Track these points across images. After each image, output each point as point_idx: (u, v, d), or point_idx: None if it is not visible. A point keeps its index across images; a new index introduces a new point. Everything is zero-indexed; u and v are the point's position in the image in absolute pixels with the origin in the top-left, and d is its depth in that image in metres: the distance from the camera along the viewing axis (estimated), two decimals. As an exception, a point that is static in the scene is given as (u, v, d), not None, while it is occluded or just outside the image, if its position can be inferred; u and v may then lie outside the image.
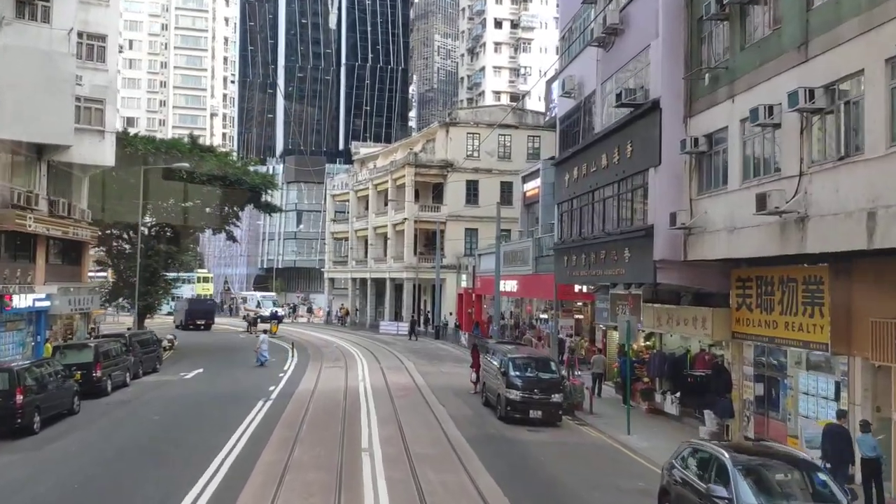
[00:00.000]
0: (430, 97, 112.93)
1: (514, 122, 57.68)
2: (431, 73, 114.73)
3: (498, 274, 38.69)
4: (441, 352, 43.36)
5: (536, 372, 21.94)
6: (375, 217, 64.40)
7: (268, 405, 23.46)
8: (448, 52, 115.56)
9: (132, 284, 41.76)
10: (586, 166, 25.05)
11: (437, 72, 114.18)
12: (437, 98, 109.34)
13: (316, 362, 35.93)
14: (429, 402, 24.36)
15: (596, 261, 24.00)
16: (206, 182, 42.34)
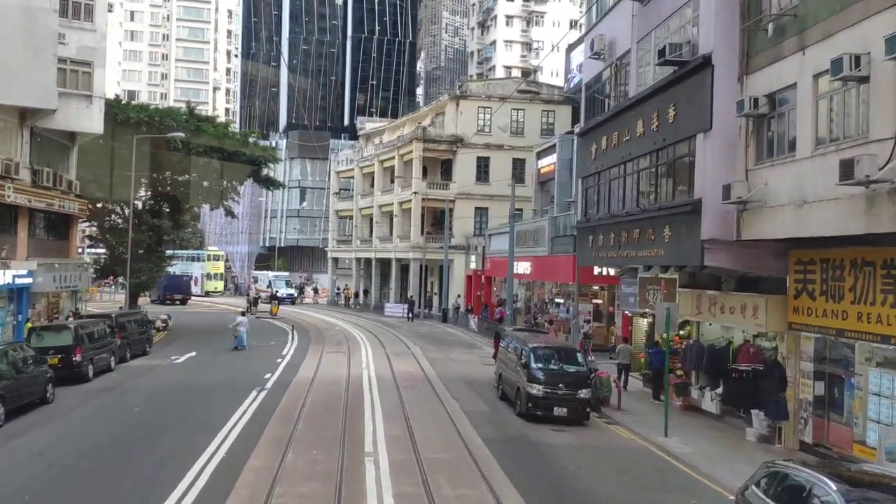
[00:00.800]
0: (438, 75, 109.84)
1: (528, 95, 54.95)
2: (439, 51, 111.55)
3: (511, 255, 36.28)
4: (449, 337, 41.05)
5: (561, 364, 19.57)
6: (381, 194, 61.89)
7: (262, 396, 21.17)
8: (456, 30, 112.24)
9: (126, 260, 39.52)
10: (617, 135, 22.51)
11: (444, 49, 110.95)
12: (444, 76, 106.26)
13: (317, 346, 33.67)
14: (439, 395, 22.04)
15: (627, 240, 21.54)
16: (203, 154, 39.87)
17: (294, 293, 66.28)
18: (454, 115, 55.08)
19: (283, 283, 66.36)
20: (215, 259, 76.64)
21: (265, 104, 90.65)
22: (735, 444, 17.69)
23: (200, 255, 75.36)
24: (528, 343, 20.19)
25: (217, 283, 76.00)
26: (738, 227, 16.63)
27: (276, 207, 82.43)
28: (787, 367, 17.35)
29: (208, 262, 75.14)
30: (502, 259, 46.61)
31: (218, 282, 76.26)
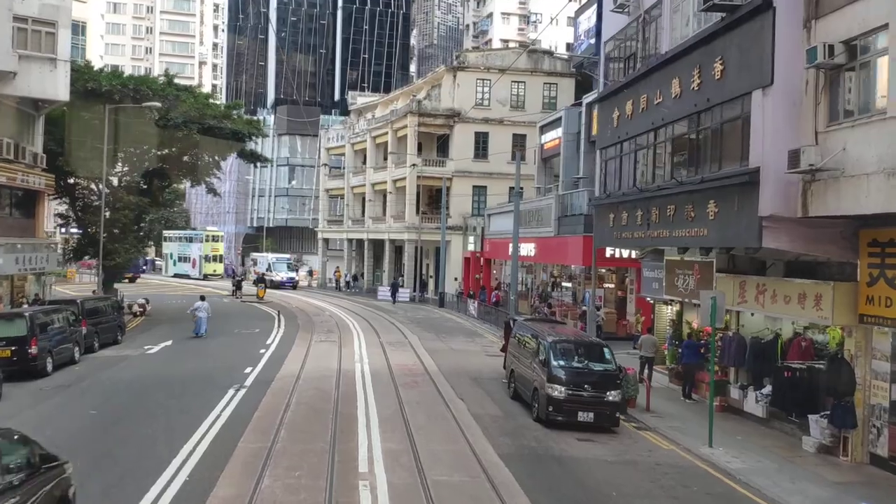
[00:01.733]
0: (430, 53, 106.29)
1: (529, 67, 51.96)
2: (431, 28, 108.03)
3: (516, 235, 33.53)
4: (448, 323, 38.36)
5: (586, 361, 16.89)
6: (374, 172, 58.95)
7: (239, 396, 18.44)
8: (449, 6, 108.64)
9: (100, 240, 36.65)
10: (646, 99, 19.71)
11: (437, 27, 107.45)
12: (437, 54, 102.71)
13: (305, 334, 30.95)
14: (443, 394, 19.35)
15: (659, 219, 18.81)
16: (182, 126, 36.79)
17: (295, 277, 62.02)
18: (451, 88, 52.10)
19: (283, 265, 62.18)
20: (214, 240, 72.60)
21: (253, 79, 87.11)
22: (792, 456, 15.12)
23: (198, 235, 72.03)
24: (547, 336, 17.47)
25: (216, 265, 71.81)
26: (803, 201, 13.92)
27: (264, 186, 79.29)
28: (855, 366, 14.74)
29: (206, 243, 71.31)
30: (503, 240, 43.94)
31: (217, 264, 72.10)
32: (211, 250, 71.64)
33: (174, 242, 75.46)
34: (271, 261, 62.05)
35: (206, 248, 71.28)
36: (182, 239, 74.50)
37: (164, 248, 77.34)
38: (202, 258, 70.76)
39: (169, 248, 76.12)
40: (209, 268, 70.56)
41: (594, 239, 24.50)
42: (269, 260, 62.47)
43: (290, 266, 62.31)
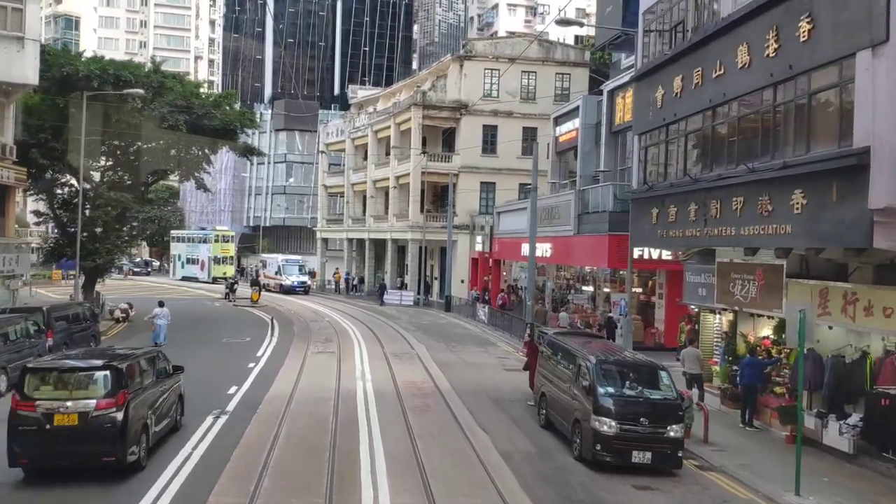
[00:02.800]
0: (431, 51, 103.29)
1: (540, 56, 48.95)
2: (433, 26, 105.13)
3: (533, 235, 30.54)
4: (456, 330, 35.31)
5: (640, 387, 13.84)
6: (375, 168, 55.90)
7: (219, 425, 15.43)
8: (451, 4, 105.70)
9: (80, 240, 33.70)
10: (700, 72, 16.69)
11: (438, 24, 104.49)
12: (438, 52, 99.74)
13: (300, 344, 27.91)
14: (461, 422, 16.31)
15: (720, 213, 15.79)
16: (167, 116, 33.78)
17: (307, 281, 56.14)
18: (457, 79, 49.05)
19: (295, 268, 56.54)
20: (224, 240, 67.29)
21: (249, 74, 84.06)
22: (900, 508, 12.12)
23: (207, 235, 67.47)
24: (589, 356, 14.42)
25: (227, 267, 66.02)
26: (930, 189, 10.91)
27: (260, 184, 76.23)
28: None
29: (216, 243, 66.16)
30: (513, 240, 40.96)
31: (228, 266, 66.36)
32: (221, 251, 66.59)
33: (182, 243, 70.82)
34: (281, 263, 56.97)
35: (216, 249, 66.25)
36: (190, 239, 69.94)
37: (171, 249, 73.09)
38: (211, 260, 65.94)
39: (177, 250, 71.48)
40: (219, 270, 65.11)
41: (631, 238, 21.43)
42: (279, 262, 57.26)
43: (301, 269, 56.97)
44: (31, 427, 11.54)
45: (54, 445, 11.56)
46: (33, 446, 11.58)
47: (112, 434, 11.70)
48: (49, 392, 11.92)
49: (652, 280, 30.79)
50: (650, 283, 30.86)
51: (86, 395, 11.91)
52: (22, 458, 11.63)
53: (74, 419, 11.64)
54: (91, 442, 11.62)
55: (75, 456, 11.69)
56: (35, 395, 11.79)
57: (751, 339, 18.75)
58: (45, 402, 11.71)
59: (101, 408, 11.75)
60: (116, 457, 11.74)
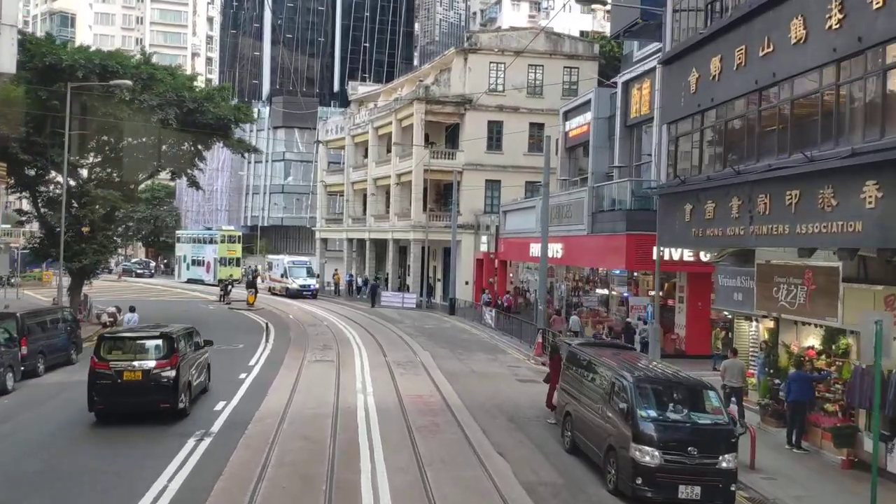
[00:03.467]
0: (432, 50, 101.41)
1: (548, 49, 47.15)
2: (433, 25, 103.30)
3: (545, 234, 28.70)
4: (462, 335, 33.44)
5: (685, 410, 11.99)
6: (376, 166, 54.07)
7: (201, 449, 13.59)
8: (451, 3, 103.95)
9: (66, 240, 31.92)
10: (744, 51, 14.85)
11: (438, 23, 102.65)
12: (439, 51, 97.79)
13: (297, 352, 26.05)
14: (475, 445, 14.45)
15: (771, 209, 13.95)
16: (157, 109, 31.94)
17: (315, 284, 52.29)
18: (462, 72, 47.23)
19: (301, 270, 52.47)
20: (231, 241, 64.17)
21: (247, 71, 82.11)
22: None
23: (213, 235, 64.38)
24: (625, 373, 12.56)
25: (233, 269, 62.15)
26: None
27: (258, 183, 74.35)
28: None
29: (222, 244, 62.94)
30: (520, 240, 39.14)
31: (234, 268, 62.77)
32: (227, 252, 63.13)
33: (187, 244, 67.93)
34: (287, 265, 52.91)
35: (222, 250, 62.83)
36: (195, 240, 66.94)
37: (176, 250, 70.42)
38: (216, 261, 62.53)
39: (182, 251, 68.64)
40: (224, 272, 60.57)
41: (659, 238, 19.53)
42: (285, 264, 53.19)
43: (309, 271, 53.11)
44: (105, 381, 15.32)
45: (124, 395, 15.38)
46: (107, 396, 15.34)
47: (168, 386, 15.44)
48: (119, 355, 15.86)
49: (669, 282, 29.01)
50: (666, 285, 29.06)
51: (147, 357, 15.79)
52: (99, 405, 15.45)
53: (139, 375, 15.45)
54: (152, 393, 15.35)
55: (140, 403, 15.46)
56: (108, 358, 15.67)
57: (794, 349, 16.91)
58: (116, 362, 15.58)
59: (159, 367, 15.53)
60: (171, 404, 15.52)
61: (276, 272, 54.33)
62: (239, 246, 65.10)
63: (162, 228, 79.99)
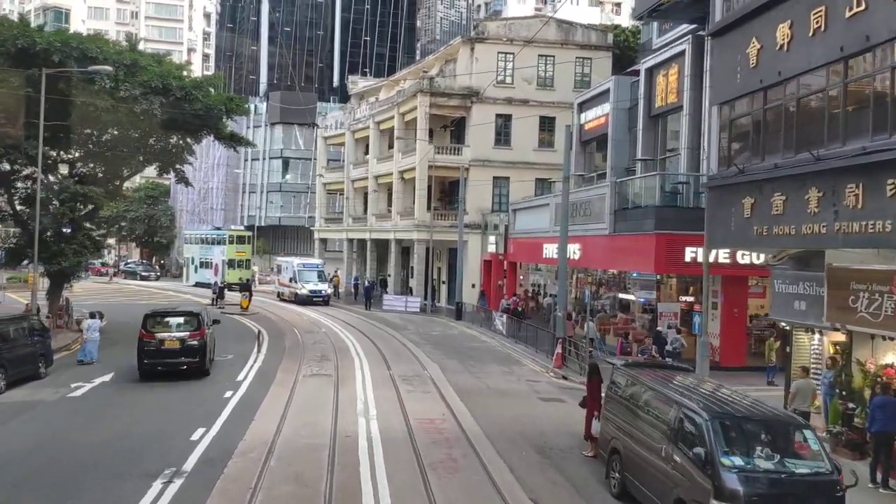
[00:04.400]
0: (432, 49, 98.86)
1: (559, 38, 44.65)
2: (434, 24, 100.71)
3: (564, 232, 26.14)
4: (472, 343, 30.90)
5: (776, 454, 9.45)
6: (377, 163, 51.55)
7: (166, 499, 11.06)
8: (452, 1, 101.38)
9: (45, 241, 29.54)
10: (823, 13, 12.35)
11: (440, 22, 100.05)
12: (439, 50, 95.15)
13: (291, 363, 23.53)
14: (502, 490, 11.87)
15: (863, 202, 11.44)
16: (142, 98, 29.43)
17: (328, 290, 46.97)
18: (468, 63, 44.68)
19: (313, 274, 46.93)
20: (240, 241, 59.20)
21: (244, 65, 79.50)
22: None
23: (221, 235, 59.76)
24: (698, 407, 10.01)
25: (243, 272, 57.17)
26: None
27: (255, 181, 71.76)
28: None
29: (230, 245, 58.19)
30: (532, 240, 36.66)
31: (243, 271, 57.66)
32: (236, 253, 58.28)
33: (195, 245, 63.10)
34: (297, 268, 47.28)
35: (230, 251, 58.03)
36: (203, 240, 62.15)
37: (184, 251, 66.41)
38: (225, 263, 57.34)
39: (190, 252, 64.01)
40: (233, 275, 55.60)
41: (708, 237, 17.02)
42: (295, 267, 47.56)
43: (321, 275, 47.74)
44: (151, 348, 20.65)
45: (165, 357, 20.72)
46: (152, 358, 20.62)
47: (198, 351, 20.82)
48: (161, 328, 21.03)
49: (695, 285, 26.52)
50: (692, 288, 26.56)
51: (182, 329, 21.03)
52: (146, 365, 20.62)
53: (177, 343, 20.80)
54: (186, 356, 20.70)
55: (177, 364, 20.69)
56: (153, 330, 20.89)
57: (870, 367, 14.44)
58: (159, 333, 20.86)
59: (192, 337, 20.87)
60: (199, 366, 20.85)
61: (285, 276, 49.05)
62: (249, 247, 60.64)
63: (156, 228, 77.47)
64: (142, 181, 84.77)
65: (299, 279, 46.35)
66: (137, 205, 77.14)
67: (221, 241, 58.99)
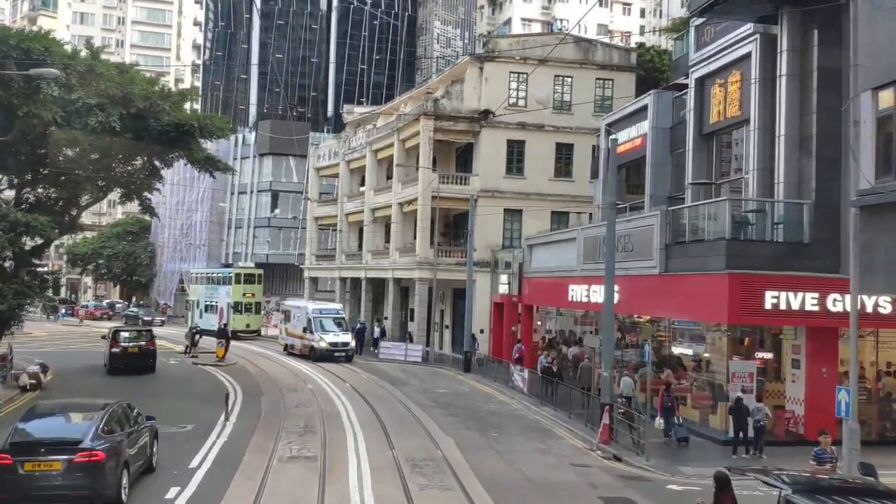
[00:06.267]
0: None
1: (578, 58, 40.37)
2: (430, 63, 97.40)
3: (611, 270, 21.15)
4: (488, 405, 25.63)
5: None
6: (375, 195, 46.76)
7: None
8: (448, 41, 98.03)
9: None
10: None
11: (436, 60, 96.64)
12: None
13: (265, 438, 18.29)
14: None
15: None
16: (97, 109, 24.66)
17: (350, 343, 37.55)
18: (476, 83, 40.23)
19: (329, 321, 37.78)
20: (248, 280, 49.89)
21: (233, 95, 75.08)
22: None
23: (226, 274, 51.27)
24: None
25: (252, 317, 49.70)
26: None
27: (241, 216, 66.81)
28: None
29: (237, 285, 48.89)
30: (553, 280, 31.74)
31: (253, 316, 49.86)
32: (243, 295, 49.08)
33: (201, 286, 54.44)
34: (312, 314, 37.71)
35: (236, 292, 48.57)
36: (209, 279, 53.37)
37: (189, 293, 57.82)
38: (231, 307, 48.42)
39: (195, 294, 55.12)
40: (240, 321, 48.16)
41: (860, 277, 12.02)
42: (309, 313, 37.98)
43: (340, 323, 38.37)
44: (117, 352, 29.95)
45: (128, 360, 29.75)
46: (118, 361, 29.76)
47: (152, 355, 30.55)
48: (125, 339, 30.79)
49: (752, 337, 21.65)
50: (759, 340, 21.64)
51: (140, 339, 30.98)
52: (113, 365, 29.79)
53: (137, 350, 30.23)
54: (144, 358, 29.98)
55: (136, 365, 29.52)
56: (119, 340, 30.44)
57: None
58: (124, 343, 30.35)
59: (148, 346, 30.58)
60: (152, 366, 30.26)
61: (297, 324, 39.31)
62: (259, 287, 51.12)
63: (135, 266, 72.32)
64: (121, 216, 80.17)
65: (315, 329, 37.10)
66: (115, 241, 72.18)
67: (227, 280, 50.13)
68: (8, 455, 11.66)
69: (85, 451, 11.85)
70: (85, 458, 11.80)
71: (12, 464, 11.59)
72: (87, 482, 11.82)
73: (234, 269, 51.38)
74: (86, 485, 11.83)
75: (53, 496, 11.81)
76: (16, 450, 11.81)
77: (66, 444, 12.04)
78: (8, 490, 11.64)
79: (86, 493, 11.87)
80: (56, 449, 11.97)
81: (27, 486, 11.66)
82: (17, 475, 11.61)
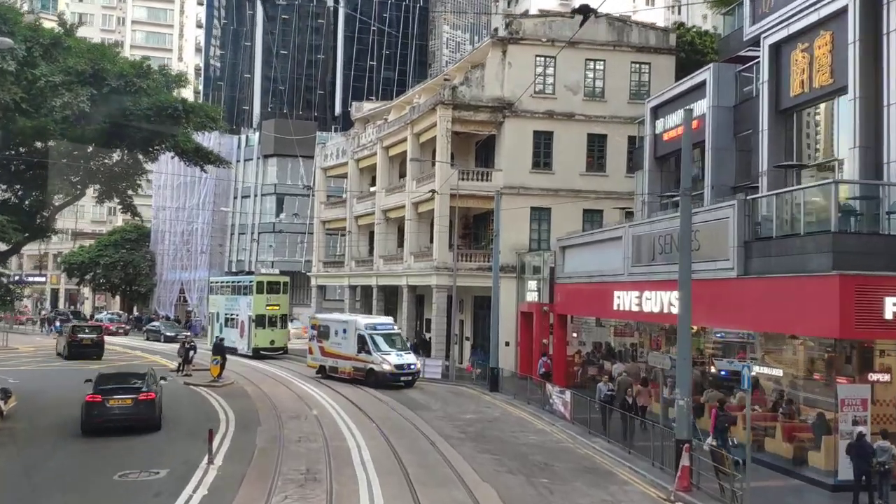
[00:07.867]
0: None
1: (611, 39, 36.45)
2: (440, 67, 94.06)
3: (687, 273, 17.05)
4: (527, 436, 21.54)
5: None
6: (386, 195, 42.84)
7: None
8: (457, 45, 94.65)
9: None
10: None
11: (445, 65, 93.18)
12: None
13: (255, 489, 14.35)
14: None
15: None
16: (62, 88, 20.94)
17: (416, 365, 31.63)
18: (499, 69, 36.31)
19: (381, 338, 31.51)
20: (271, 289, 43.25)
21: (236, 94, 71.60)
22: None
23: (246, 282, 44.43)
24: None
25: (277, 332, 42.92)
26: None
27: (245, 222, 63.05)
28: None
29: (258, 295, 42.45)
30: (592, 286, 27.76)
31: (279, 331, 43.16)
32: (266, 307, 42.48)
33: (221, 296, 47.61)
34: (366, 330, 31.70)
35: (258, 303, 42.15)
36: (230, 288, 46.83)
37: (209, 305, 50.81)
38: (252, 321, 42.19)
39: (215, 306, 48.19)
40: (264, 337, 42.16)
41: None
42: (362, 329, 31.78)
43: (393, 340, 31.94)
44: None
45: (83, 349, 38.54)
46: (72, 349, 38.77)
47: None
48: None
49: (837, 354, 17.52)
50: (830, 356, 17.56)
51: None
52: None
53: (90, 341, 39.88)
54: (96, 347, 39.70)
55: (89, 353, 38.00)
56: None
57: None
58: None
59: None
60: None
61: (341, 342, 32.87)
62: (284, 298, 44.28)
63: (134, 276, 68.65)
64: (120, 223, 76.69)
65: (374, 349, 31.00)
66: (113, 249, 68.58)
67: (247, 289, 43.64)
68: (99, 395, 19.47)
69: (144, 393, 19.91)
70: (145, 396, 19.88)
71: (101, 400, 19.44)
72: (145, 411, 19.80)
73: (255, 277, 44.81)
74: (144, 413, 19.77)
75: (126, 419, 19.58)
76: (102, 392, 19.60)
77: (132, 389, 20.08)
78: (101, 416, 19.40)
79: (144, 418, 19.75)
80: (127, 391, 20.01)
81: (110, 414, 19.51)
82: (105, 407, 19.44)
